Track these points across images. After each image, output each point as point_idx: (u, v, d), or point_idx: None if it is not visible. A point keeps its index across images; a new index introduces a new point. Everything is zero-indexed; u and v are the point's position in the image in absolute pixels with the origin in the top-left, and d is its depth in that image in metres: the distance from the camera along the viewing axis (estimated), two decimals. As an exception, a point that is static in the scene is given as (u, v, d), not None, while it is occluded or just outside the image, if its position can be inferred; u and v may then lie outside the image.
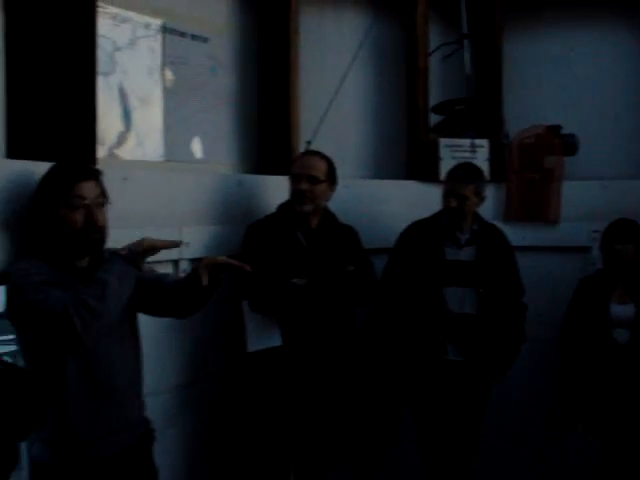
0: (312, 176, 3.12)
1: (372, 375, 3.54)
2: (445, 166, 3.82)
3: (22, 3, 2.60)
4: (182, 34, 3.47)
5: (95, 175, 2.33)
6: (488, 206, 3.77)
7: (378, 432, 3.79)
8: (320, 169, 3.16)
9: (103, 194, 2.33)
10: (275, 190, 3.38)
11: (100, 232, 2.29)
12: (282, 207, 3.22)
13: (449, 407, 3.36)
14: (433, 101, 4.20)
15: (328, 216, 3.26)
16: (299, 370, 3.06)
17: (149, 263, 2.78)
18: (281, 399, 3.07)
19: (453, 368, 3.34)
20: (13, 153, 2.60)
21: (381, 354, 3.52)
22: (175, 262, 3.07)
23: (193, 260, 3.11)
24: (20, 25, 2.60)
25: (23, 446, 2.32)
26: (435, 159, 4.04)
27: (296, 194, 3.13)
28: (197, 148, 3.51)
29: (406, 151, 4.21)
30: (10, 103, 2.61)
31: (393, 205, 3.88)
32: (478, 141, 4.09)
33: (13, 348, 3.65)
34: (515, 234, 3.80)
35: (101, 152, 2.91)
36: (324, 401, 3.13)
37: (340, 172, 3.29)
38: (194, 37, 3.53)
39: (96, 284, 2.07)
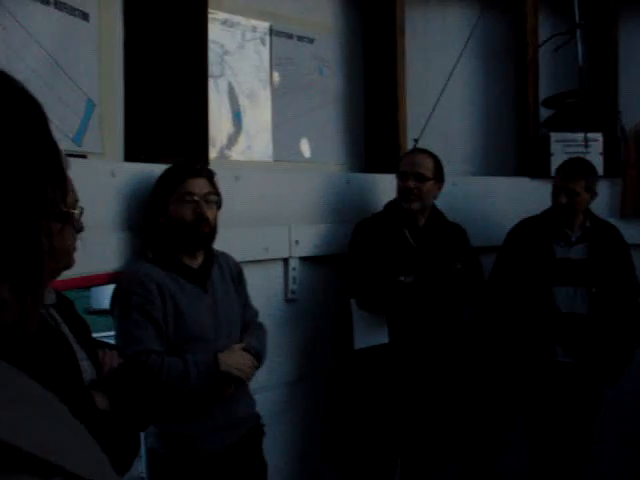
0: (419, 174, 3.11)
1: (480, 375, 3.48)
2: (556, 161, 3.71)
3: (139, 12, 2.71)
4: (289, 36, 3.52)
5: (206, 173, 2.41)
6: (603, 202, 3.65)
7: (487, 433, 3.73)
8: (427, 167, 3.14)
9: (215, 193, 2.41)
10: (383, 188, 3.38)
11: (209, 227, 2.36)
12: (389, 205, 3.22)
13: (559, 410, 3.27)
14: (543, 94, 4.08)
15: (436, 214, 3.24)
16: (406, 368, 3.05)
17: (259, 261, 2.86)
18: (388, 397, 3.07)
19: (563, 370, 3.24)
20: (130, 156, 2.71)
21: (488, 354, 3.46)
22: (285, 260, 3.13)
23: (303, 258, 3.17)
24: (137, 33, 2.71)
25: (141, 436, 2.42)
26: (546, 154, 3.93)
27: (403, 192, 3.12)
28: (305, 148, 3.55)
29: (516, 147, 4.11)
30: (127, 108, 2.72)
31: (502, 202, 3.80)
32: (591, 135, 3.95)
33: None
34: (631, 231, 3.64)
35: (212, 153, 3.00)
36: (431, 399, 3.10)
37: (448, 169, 3.26)
38: (300, 38, 3.57)
39: (180, 378, 2.22)
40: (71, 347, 1.57)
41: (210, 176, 2.43)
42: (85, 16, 2.57)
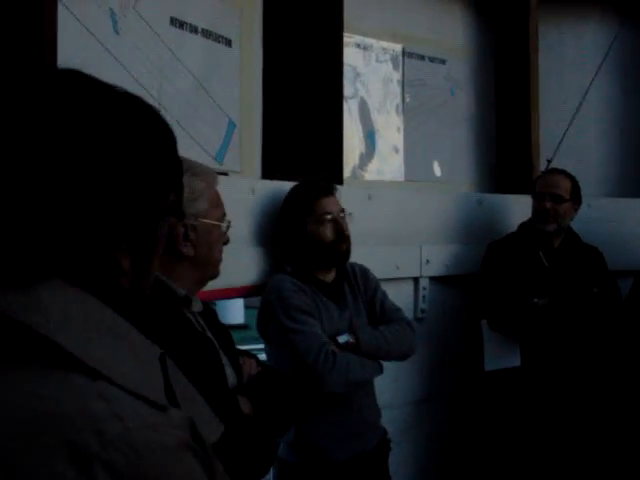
0: (556, 195, 3.06)
1: (614, 405, 3.34)
2: (701, 183, 3.54)
3: (278, 38, 2.82)
4: (421, 57, 3.55)
5: (334, 191, 2.47)
6: None
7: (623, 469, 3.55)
8: (565, 188, 3.08)
9: (342, 209, 2.47)
10: (515, 209, 3.35)
11: (348, 244, 2.42)
12: (523, 226, 3.17)
13: None
14: (686, 113, 3.91)
15: (571, 236, 3.17)
16: (539, 393, 2.97)
17: (390, 280, 2.89)
18: (518, 422, 3.00)
19: None
20: (266, 175, 2.80)
21: (621, 383, 3.31)
22: (415, 279, 3.14)
23: (433, 278, 3.17)
24: (275, 58, 2.83)
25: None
26: (689, 175, 3.75)
27: (539, 213, 3.07)
28: (437, 168, 3.57)
29: (655, 167, 3.95)
30: (265, 129, 2.83)
31: (641, 225, 3.65)
32: None
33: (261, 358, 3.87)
34: None
35: (346, 172, 3.06)
36: (563, 427, 3.01)
37: (582, 190, 3.18)
38: (432, 59, 3.60)
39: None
40: (218, 352, 1.65)
41: (335, 193, 2.50)
42: (228, 42, 2.70)
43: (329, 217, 2.41)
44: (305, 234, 2.41)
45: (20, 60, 1.86)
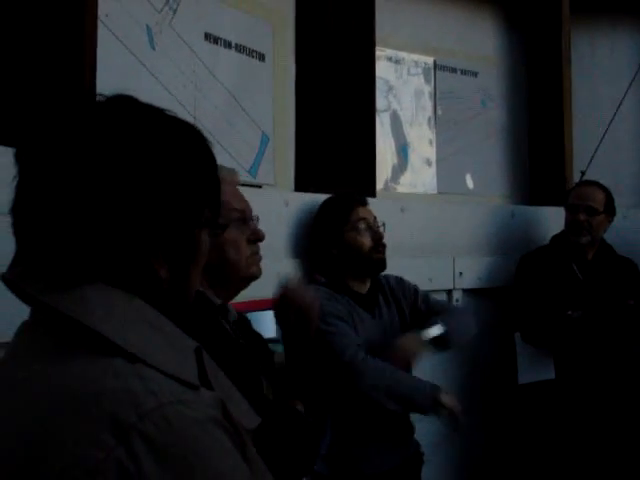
0: (590, 207, 3.03)
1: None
2: None
3: (310, 52, 2.86)
4: (452, 70, 3.56)
5: (367, 203, 2.49)
6: None
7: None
8: (598, 200, 3.06)
9: (375, 217, 2.48)
10: (549, 221, 3.34)
11: (384, 252, 2.43)
12: (555, 238, 3.16)
13: None
14: None
15: (605, 248, 3.14)
16: (572, 406, 2.94)
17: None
18: (552, 436, 2.98)
19: None
20: (299, 188, 2.83)
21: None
22: (449, 292, 3.13)
23: (466, 290, 3.16)
24: (308, 72, 2.86)
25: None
26: None
27: (573, 225, 3.05)
28: (469, 180, 3.57)
29: (692, 178, 3.91)
30: (298, 142, 2.85)
31: (677, 237, 3.60)
32: None
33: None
34: None
35: (378, 185, 3.07)
36: (598, 441, 2.97)
37: (617, 202, 3.15)
38: (464, 72, 3.61)
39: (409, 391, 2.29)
40: (254, 360, 1.66)
41: (368, 206, 2.51)
42: (262, 57, 2.74)
43: (366, 225, 2.42)
44: (342, 243, 2.41)
45: (62, 75, 1.91)
